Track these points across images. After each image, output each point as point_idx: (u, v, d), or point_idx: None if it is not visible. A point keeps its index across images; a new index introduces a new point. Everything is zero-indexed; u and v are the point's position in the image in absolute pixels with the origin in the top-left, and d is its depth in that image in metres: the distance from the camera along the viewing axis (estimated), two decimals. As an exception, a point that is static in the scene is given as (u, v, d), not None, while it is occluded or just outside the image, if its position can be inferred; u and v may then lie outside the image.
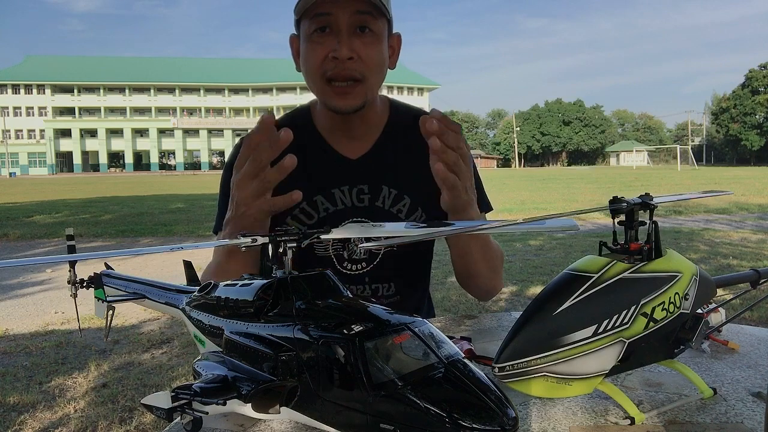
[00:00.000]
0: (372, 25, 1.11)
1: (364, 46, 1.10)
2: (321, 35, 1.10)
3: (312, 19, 1.10)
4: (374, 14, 1.10)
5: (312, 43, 1.12)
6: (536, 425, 0.67)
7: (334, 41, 1.09)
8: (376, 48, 1.13)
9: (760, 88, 61.30)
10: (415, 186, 1.25)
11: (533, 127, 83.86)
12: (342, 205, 1.23)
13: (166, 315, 1.58)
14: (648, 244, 0.67)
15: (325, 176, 1.23)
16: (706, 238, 7.54)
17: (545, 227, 0.63)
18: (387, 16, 1.13)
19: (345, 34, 1.09)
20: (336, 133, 1.25)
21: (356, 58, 1.09)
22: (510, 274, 5.51)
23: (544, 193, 17.53)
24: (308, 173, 1.23)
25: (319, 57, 1.10)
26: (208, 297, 0.74)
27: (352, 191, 1.23)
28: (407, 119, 1.30)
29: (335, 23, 1.08)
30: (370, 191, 1.24)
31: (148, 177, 46.97)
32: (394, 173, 1.25)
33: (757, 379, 0.80)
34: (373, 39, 1.12)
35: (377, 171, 1.24)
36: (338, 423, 0.55)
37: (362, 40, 1.10)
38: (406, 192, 1.25)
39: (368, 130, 1.26)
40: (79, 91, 75.18)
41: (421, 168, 1.26)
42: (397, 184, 1.25)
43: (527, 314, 0.66)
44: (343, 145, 1.25)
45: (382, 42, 1.15)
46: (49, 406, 2.81)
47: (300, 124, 1.27)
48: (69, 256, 0.74)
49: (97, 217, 12.03)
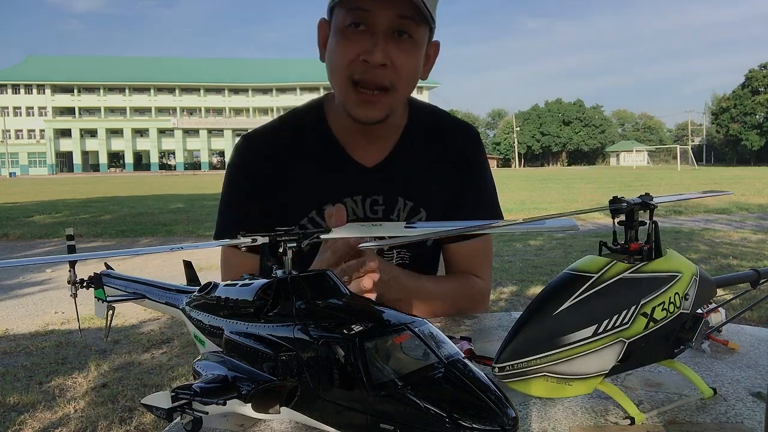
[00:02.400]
0: (412, 32, 1.01)
1: (400, 54, 1.00)
2: (355, 32, 1.00)
3: (348, 12, 1.00)
4: (417, 20, 1.00)
5: (343, 39, 1.01)
6: (536, 425, 0.66)
7: (369, 42, 0.98)
8: (413, 57, 1.03)
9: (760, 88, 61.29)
10: (430, 198, 1.19)
11: (533, 127, 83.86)
12: (354, 216, 1.15)
13: (166, 315, 1.58)
14: (648, 244, 0.67)
15: (338, 185, 1.15)
16: (706, 238, 7.54)
17: (545, 227, 0.63)
18: (430, 24, 1.03)
19: (381, 36, 0.98)
20: (353, 138, 1.16)
21: (389, 66, 1.00)
22: (510, 274, 5.51)
23: (544, 193, 17.53)
24: (321, 180, 1.16)
25: (349, 56, 1.00)
26: (208, 297, 0.74)
27: (366, 202, 1.16)
28: (426, 120, 1.23)
29: (373, 22, 0.98)
30: (384, 202, 1.17)
31: (148, 177, 46.96)
32: (411, 184, 1.18)
33: (757, 379, 0.80)
34: (411, 47, 1.02)
35: (393, 181, 1.17)
36: (338, 423, 0.55)
37: (399, 46, 1.00)
38: (422, 205, 1.18)
39: (387, 132, 1.18)
40: (79, 91, 75.19)
41: (436, 176, 1.21)
42: (413, 195, 1.18)
43: (527, 314, 0.65)
44: (358, 151, 1.16)
45: (420, 51, 1.05)
46: (49, 406, 2.80)
47: (311, 123, 1.19)
48: (69, 256, 0.74)
49: (97, 217, 12.02)
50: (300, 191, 1.17)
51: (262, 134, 1.22)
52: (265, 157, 1.18)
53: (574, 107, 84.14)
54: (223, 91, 78.12)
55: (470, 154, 1.25)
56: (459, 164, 1.23)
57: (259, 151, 1.20)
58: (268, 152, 1.19)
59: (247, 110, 77.22)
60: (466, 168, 1.24)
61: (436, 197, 1.21)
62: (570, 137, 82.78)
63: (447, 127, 1.25)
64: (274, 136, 1.21)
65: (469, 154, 1.25)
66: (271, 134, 1.22)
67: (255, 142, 1.21)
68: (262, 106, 75.77)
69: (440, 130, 1.23)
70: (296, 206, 1.17)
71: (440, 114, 1.28)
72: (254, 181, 1.18)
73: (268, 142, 1.20)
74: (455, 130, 1.26)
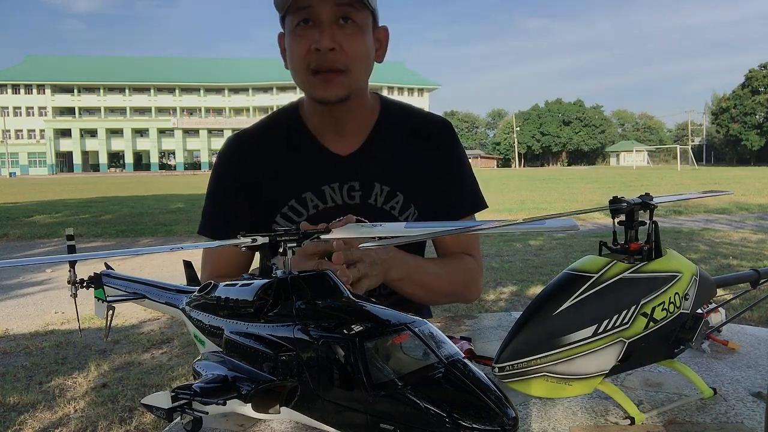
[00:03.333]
0: (354, 17, 1.10)
1: (346, 37, 1.09)
2: (304, 28, 1.10)
3: (295, 14, 1.10)
4: (356, 6, 1.09)
5: (295, 36, 1.12)
6: (536, 425, 0.67)
7: (317, 33, 1.08)
8: (359, 39, 1.12)
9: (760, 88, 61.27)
10: (407, 182, 1.25)
11: (533, 127, 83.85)
12: (332, 203, 1.22)
13: (166, 315, 1.58)
14: (648, 244, 0.67)
15: (315, 173, 1.23)
16: (706, 238, 7.54)
17: (545, 227, 0.63)
18: (369, 7, 1.12)
19: (326, 25, 1.08)
20: (325, 130, 1.24)
21: (338, 49, 1.09)
22: (510, 274, 5.50)
23: (544, 193, 17.53)
24: (298, 170, 1.23)
25: (302, 49, 1.10)
26: (208, 297, 0.74)
27: (343, 188, 1.23)
28: (398, 116, 1.30)
29: (317, 15, 1.08)
30: (361, 188, 1.23)
31: (148, 177, 46.97)
32: (386, 170, 1.24)
33: (757, 379, 0.80)
34: (356, 30, 1.11)
35: (368, 168, 1.23)
36: (338, 423, 0.55)
37: (344, 31, 1.09)
38: (399, 189, 1.24)
39: (358, 126, 1.25)
40: (79, 91, 75.18)
41: (412, 164, 1.27)
42: (389, 180, 1.24)
43: (527, 314, 0.66)
44: (333, 142, 1.24)
45: (366, 33, 1.13)
46: (49, 406, 2.80)
47: (289, 123, 1.27)
48: (69, 256, 0.74)
49: (97, 217, 12.02)
50: (281, 183, 1.24)
51: (249, 134, 1.30)
52: (252, 155, 1.26)
53: (574, 107, 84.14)
54: (223, 91, 78.11)
55: (445, 142, 1.31)
56: (434, 151, 1.29)
57: (246, 149, 1.27)
58: (254, 150, 1.26)
59: (247, 110, 77.20)
60: (443, 155, 1.30)
61: (414, 183, 1.26)
62: (570, 137, 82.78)
63: (419, 121, 1.32)
64: (260, 135, 1.29)
65: (444, 142, 1.31)
66: (257, 133, 1.30)
67: (243, 141, 1.29)
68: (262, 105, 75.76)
69: (413, 124, 1.31)
70: (277, 197, 1.23)
71: (411, 109, 1.36)
72: (240, 179, 1.25)
73: (255, 141, 1.28)
74: (428, 121, 1.33)
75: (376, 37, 1.19)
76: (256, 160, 1.25)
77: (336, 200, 1.22)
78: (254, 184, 1.24)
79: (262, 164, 1.24)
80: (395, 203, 1.24)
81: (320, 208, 1.21)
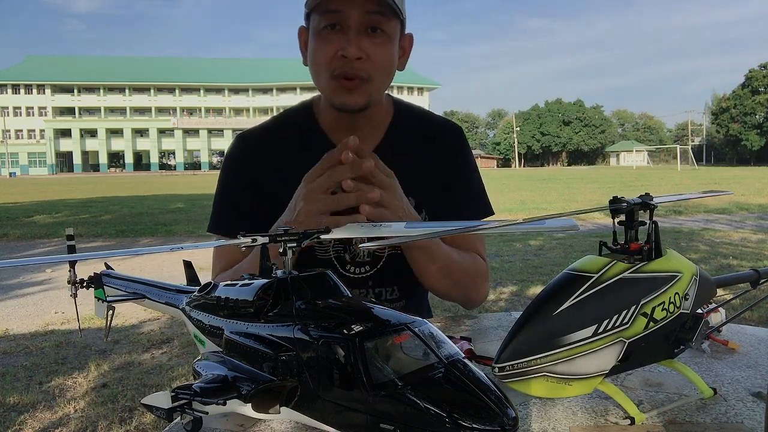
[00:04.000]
0: (384, 26, 1.09)
1: (373, 47, 1.08)
2: (331, 32, 1.08)
3: (322, 15, 1.08)
4: (386, 14, 1.08)
5: (321, 40, 1.09)
6: (536, 425, 0.67)
7: (344, 40, 1.06)
8: (386, 49, 1.10)
9: (760, 88, 61.26)
10: (418, 187, 1.23)
11: (533, 127, 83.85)
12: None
13: (166, 315, 1.58)
14: (648, 244, 0.67)
15: None
16: (706, 238, 7.54)
17: (545, 227, 0.63)
18: (400, 16, 1.11)
19: (355, 33, 1.06)
20: (340, 133, 1.22)
21: (365, 58, 1.07)
22: (510, 274, 5.51)
23: (544, 193, 17.53)
24: None
25: (328, 54, 1.08)
26: (208, 297, 0.74)
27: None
28: (411, 120, 1.29)
29: (345, 21, 1.06)
30: None
31: (148, 177, 46.97)
32: (400, 173, 1.20)
33: (757, 379, 0.80)
34: (384, 40, 1.10)
35: None
36: (338, 423, 0.55)
37: (372, 40, 1.08)
38: (411, 193, 1.21)
39: (372, 130, 1.24)
40: (79, 91, 75.18)
41: (424, 168, 1.26)
42: (402, 184, 1.22)
43: (527, 314, 0.66)
44: None
45: (393, 43, 1.12)
46: (49, 406, 2.80)
47: (300, 122, 1.26)
48: (69, 256, 0.74)
49: (97, 217, 12.03)
50: (293, 184, 1.20)
51: (255, 134, 1.29)
52: (260, 156, 1.24)
53: (574, 107, 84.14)
54: (223, 91, 78.10)
55: (455, 147, 1.30)
56: (445, 157, 1.28)
57: (253, 150, 1.26)
58: (262, 151, 1.25)
59: (247, 110, 77.21)
60: (452, 159, 1.29)
61: (425, 188, 1.25)
62: (570, 137, 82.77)
63: (431, 124, 1.31)
64: (267, 135, 1.28)
65: (455, 147, 1.30)
66: (265, 133, 1.28)
67: (249, 141, 1.28)
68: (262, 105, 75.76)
69: (424, 127, 1.30)
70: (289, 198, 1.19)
71: (424, 113, 1.35)
72: (248, 179, 1.24)
73: (262, 141, 1.26)
74: (439, 126, 1.32)
75: (401, 44, 1.17)
76: (263, 159, 1.24)
77: None
78: (261, 183, 1.22)
79: (270, 164, 1.23)
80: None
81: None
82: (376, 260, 1.23)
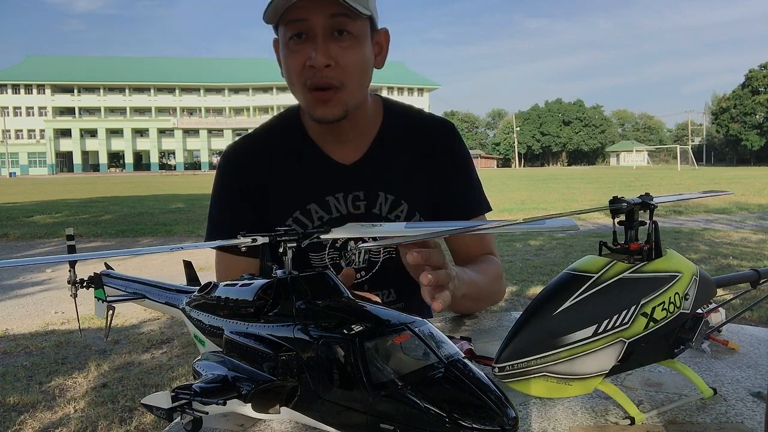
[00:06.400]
0: (350, 27, 1.05)
1: (342, 51, 1.05)
2: (297, 42, 1.06)
3: (287, 26, 1.06)
4: (351, 15, 1.04)
5: (289, 51, 1.07)
6: (536, 425, 0.67)
7: (311, 48, 1.04)
8: (356, 51, 1.07)
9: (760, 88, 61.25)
10: (411, 191, 1.22)
11: (533, 127, 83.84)
12: (337, 213, 1.20)
13: (166, 315, 1.58)
14: (648, 244, 0.67)
15: (319, 183, 1.20)
16: (706, 238, 7.54)
17: (545, 227, 0.63)
18: (366, 14, 1.06)
19: (321, 39, 1.03)
20: (327, 139, 1.21)
21: (334, 65, 1.05)
22: (510, 274, 5.50)
23: (544, 193, 17.53)
24: (302, 181, 1.21)
25: (297, 65, 1.06)
26: (208, 297, 0.74)
27: (347, 198, 1.20)
28: (401, 120, 1.27)
29: (311, 29, 1.04)
30: (365, 198, 1.20)
31: (148, 177, 46.96)
32: (390, 178, 1.22)
33: (757, 379, 0.80)
34: (352, 42, 1.06)
35: (372, 177, 1.21)
36: (338, 423, 0.55)
37: (340, 44, 1.05)
38: (404, 197, 1.22)
39: (360, 134, 1.22)
40: (79, 91, 75.13)
41: (416, 170, 1.25)
42: (393, 189, 1.21)
43: (527, 314, 0.65)
44: (335, 151, 1.21)
45: (363, 44, 1.09)
46: (49, 406, 2.80)
47: (291, 127, 1.24)
48: (69, 256, 0.74)
49: (97, 217, 12.02)
50: (284, 193, 1.22)
51: (246, 142, 1.28)
52: (251, 164, 1.24)
53: (574, 107, 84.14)
54: (223, 91, 78.03)
55: (448, 146, 1.28)
56: (438, 156, 1.26)
57: (245, 155, 1.25)
58: (254, 156, 1.24)
59: (247, 110, 77.16)
60: (447, 160, 1.27)
61: (418, 190, 1.23)
62: (570, 137, 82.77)
63: (422, 123, 1.29)
64: (257, 143, 1.27)
65: (448, 146, 1.28)
66: (254, 142, 1.27)
67: (239, 148, 1.27)
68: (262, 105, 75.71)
69: (416, 127, 1.27)
70: (281, 208, 1.21)
71: (415, 112, 1.32)
72: (242, 188, 1.23)
73: (253, 150, 1.26)
74: (430, 124, 1.29)
75: (375, 41, 1.14)
76: (256, 165, 1.23)
77: (341, 210, 1.20)
78: (255, 188, 1.22)
79: (263, 171, 1.22)
80: (400, 212, 1.22)
81: (324, 219, 1.19)
82: (372, 265, 1.23)
